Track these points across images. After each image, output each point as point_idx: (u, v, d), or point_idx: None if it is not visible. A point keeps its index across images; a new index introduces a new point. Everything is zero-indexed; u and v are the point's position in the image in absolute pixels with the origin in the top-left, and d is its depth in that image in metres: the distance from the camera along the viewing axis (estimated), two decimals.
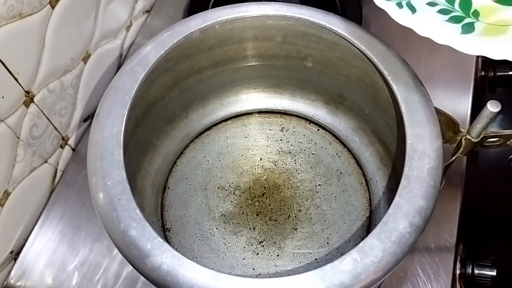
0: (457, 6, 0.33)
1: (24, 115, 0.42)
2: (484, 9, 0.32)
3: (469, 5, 0.33)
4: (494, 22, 0.32)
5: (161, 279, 0.27)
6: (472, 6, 0.33)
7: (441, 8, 0.33)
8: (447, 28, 0.31)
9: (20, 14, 0.39)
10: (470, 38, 0.30)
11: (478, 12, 0.32)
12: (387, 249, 0.27)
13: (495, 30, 0.31)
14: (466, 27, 0.31)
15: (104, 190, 0.29)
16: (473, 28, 0.31)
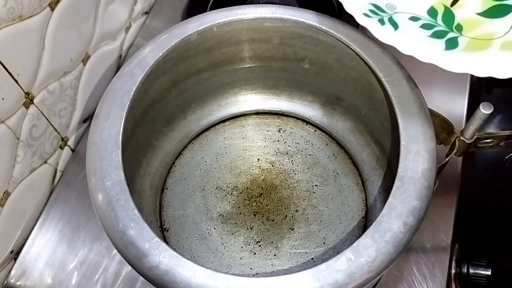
0: (440, 20, 0.32)
1: (24, 116, 0.43)
2: (467, 23, 0.32)
3: (452, 19, 0.32)
4: (477, 36, 0.31)
5: (159, 278, 0.27)
6: (455, 20, 0.32)
7: (424, 22, 0.32)
8: (430, 44, 0.30)
9: (20, 16, 0.39)
10: (454, 54, 0.30)
11: (461, 26, 0.32)
12: (381, 248, 0.27)
13: (479, 44, 0.31)
14: (450, 42, 0.31)
15: (103, 191, 0.30)
16: (456, 44, 0.31)
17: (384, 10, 0.32)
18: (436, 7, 0.33)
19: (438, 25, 0.32)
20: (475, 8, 0.33)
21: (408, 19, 0.32)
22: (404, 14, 0.32)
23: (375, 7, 0.32)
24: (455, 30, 0.31)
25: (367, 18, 0.31)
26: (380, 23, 0.31)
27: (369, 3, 0.33)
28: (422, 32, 0.31)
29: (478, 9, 0.33)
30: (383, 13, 0.32)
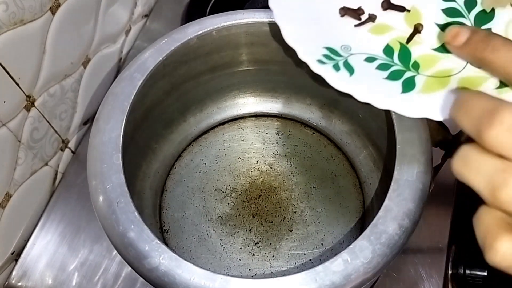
0: (397, 59, 0.31)
1: (25, 119, 0.43)
2: (424, 60, 0.31)
3: (408, 56, 0.31)
4: (435, 73, 0.30)
5: (159, 279, 0.28)
6: (412, 57, 0.31)
7: (380, 63, 0.31)
8: (387, 88, 0.29)
9: (22, 20, 0.40)
10: (411, 97, 0.29)
11: (418, 63, 0.31)
12: (377, 250, 0.28)
13: (436, 83, 0.30)
14: (407, 84, 0.30)
15: (104, 193, 0.30)
16: (413, 84, 0.30)
17: (339, 53, 0.31)
18: (392, 45, 0.32)
19: (395, 64, 0.31)
20: (431, 43, 0.32)
21: (364, 60, 0.31)
22: (360, 55, 0.31)
23: (329, 51, 0.31)
24: (412, 69, 0.31)
25: (321, 65, 0.30)
26: (335, 69, 0.30)
27: (323, 47, 0.31)
28: (379, 74, 0.30)
29: (434, 44, 0.32)
30: (338, 57, 0.31)
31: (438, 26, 0.32)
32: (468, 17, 0.32)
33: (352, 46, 0.32)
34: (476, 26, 0.32)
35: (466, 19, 0.32)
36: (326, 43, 0.32)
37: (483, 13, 0.32)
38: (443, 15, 0.33)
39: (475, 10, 0.32)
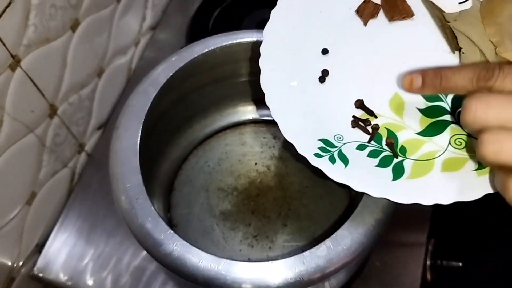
0: (385, 145, 0.33)
1: (49, 125, 0.49)
2: (410, 144, 0.33)
3: (396, 142, 0.34)
4: (420, 157, 0.33)
5: (172, 263, 0.33)
6: (399, 142, 0.33)
7: (371, 149, 0.33)
8: (379, 177, 0.32)
9: (47, 39, 0.45)
10: (401, 184, 0.31)
11: (405, 148, 0.33)
12: (355, 239, 0.33)
13: (422, 167, 0.32)
14: (396, 170, 0.32)
15: (124, 192, 0.36)
16: (402, 169, 0.32)
17: (333, 144, 0.33)
18: (380, 132, 0.34)
19: (384, 150, 0.33)
20: (415, 128, 0.34)
21: (355, 148, 0.33)
22: (352, 143, 0.34)
23: (324, 143, 0.33)
24: (400, 154, 0.33)
25: (319, 159, 0.32)
26: (331, 161, 0.32)
27: (318, 139, 0.34)
28: (370, 162, 0.33)
29: (417, 128, 0.34)
30: (332, 148, 0.33)
31: (420, 111, 0.34)
32: (445, 100, 0.34)
33: (344, 135, 0.34)
34: (452, 107, 0.34)
35: (444, 102, 0.34)
36: (320, 135, 0.34)
37: (459, 97, 0.34)
38: (423, 100, 0.35)
39: (452, 94, 0.34)
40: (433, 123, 0.34)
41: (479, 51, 0.34)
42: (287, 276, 0.33)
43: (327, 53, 0.37)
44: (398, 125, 0.34)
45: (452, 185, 0.31)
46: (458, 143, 0.33)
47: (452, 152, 0.33)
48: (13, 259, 0.49)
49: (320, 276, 0.33)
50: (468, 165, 0.32)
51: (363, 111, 0.35)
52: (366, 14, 0.37)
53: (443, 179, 0.32)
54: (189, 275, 0.33)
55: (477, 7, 0.35)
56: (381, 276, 0.49)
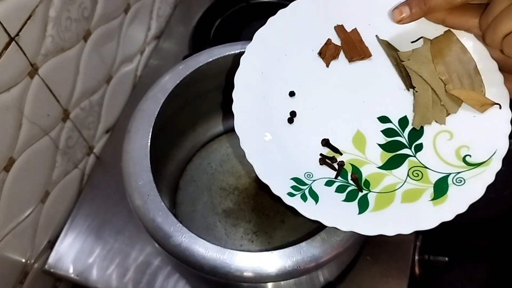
0: (350, 180, 0.36)
1: (62, 129, 0.52)
2: (373, 178, 0.36)
3: (360, 176, 0.36)
4: (382, 189, 0.35)
5: (181, 253, 0.36)
6: (363, 176, 0.36)
7: (338, 185, 0.36)
8: (346, 211, 0.34)
9: (62, 48, 0.48)
10: (366, 217, 0.34)
11: (368, 181, 0.36)
12: (347, 231, 0.37)
13: (384, 199, 0.35)
14: (361, 203, 0.35)
15: (137, 189, 0.39)
16: (367, 203, 0.35)
17: (304, 182, 0.36)
18: (345, 168, 0.37)
19: (350, 185, 0.36)
20: (376, 162, 0.37)
21: (324, 185, 0.36)
22: (321, 180, 0.36)
23: (296, 181, 0.36)
24: (364, 187, 0.36)
25: (291, 198, 0.35)
26: (303, 199, 0.35)
27: (290, 178, 0.36)
28: (338, 197, 0.35)
29: (379, 163, 0.36)
30: (303, 186, 0.36)
31: (380, 146, 0.37)
32: (403, 135, 0.37)
33: (313, 172, 0.37)
34: (409, 142, 0.37)
35: (401, 137, 0.37)
36: (292, 173, 0.36)
37: (414, 131, 0.37)
38: (382, 136, 0.37)
39: (408, 129, 0.37)
40: (392, 157, 0.37)
41: (430, 89, 0.37)
42: (285, 264, 0.36)
43: (294, 95, 0.39)
44: (361, 160, 0.37)
45: (411, 215, 0.34)
46: (415, 174, 0.36)
47: (410, 183, 0.35)
48: (27, 255, 0.52)
49: (315, 265, 0.36)
50: (425, 195, 0.35)
51: (329, 149, 0.38)
52: (328, 55, 0.39)
53: (403, 210, 0.34)
54: (196, 264, 0.36)
55: (428, 46, 0.38)
56: (372, 270, 0.52)
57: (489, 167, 0.35)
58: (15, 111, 0.44)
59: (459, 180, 0.35)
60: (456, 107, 0.37)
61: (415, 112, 0.37)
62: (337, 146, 0.38)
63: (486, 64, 0.36)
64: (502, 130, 0.35)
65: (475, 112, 0.37)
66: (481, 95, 0.36)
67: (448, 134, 0.37)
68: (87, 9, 0.50)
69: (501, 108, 0.36)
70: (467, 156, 0.36)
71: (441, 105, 0.37)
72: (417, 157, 0.36)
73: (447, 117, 0.37)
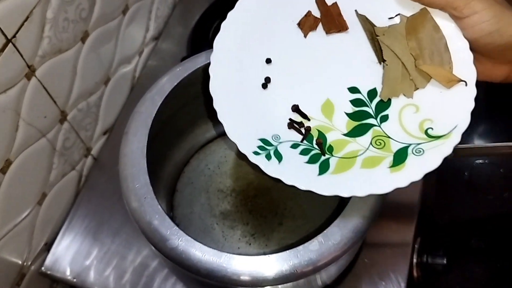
0: (316, 144, 0.38)
1: (59, 130, 0.52)
2: (337, 144, 0.38)
3: (324, 141, 0.38)
4: (345, 155, 0.37)
5: (177, 257, 0.36)
6: (327, 142, 0.38)
7: (303, 148, 0.37)
8: (307, 172, 0.36)
9: (60, 50, 0.48)
10: (325, 178, 0.35)
11: (332, 147, 0.37)
12: (345, 234, 0.36)
13: (345, 164, 0.36)
14: (322, 166, 0.36)
15: (134, 191, 0.39)
16: (328, 166, 0.36)
17: (270, 143, 0.37)
18: (312, 133, 0.38)
19: (314, 149, 0.37)
20: (342, 130, 0.38)
21: (290, 147, 0.37)
22: (287, 142, 0.38)
23: (263, 142, 0.37)
24: (327, 152, 0.37)
25: (256, 156, 0.36)
26: (267, 158, 0.36)
27: (258, 139, 0.37)
28: (301, 159, 0.37)
29: (344, 130, 0.38)
30: (270, 147, 0.37)
31: (347, 115, 0.39)
32: (370, 106, 0.39)
33: (281, 135, 0.38)
34: (376, 112, 0.38)
35: (369, 107, 0.39)
36: (260, 135, 0.38)
37: (381, 102, 0.38)
38: (351, 105, 0.39)
39: (376, 100, 0.39)
40: (358, 125, 0.38)
41: (401, 64, 0.38)
42: (282, 268, 0.36)
43: (271, 62, 0.41)
44: (327, 127, 0.39)
45: (368, 180, 0.35)
46: (378, 143, 0.37)
47: (372, 151, 0.37)
48: (24, 257, 0.52)
49: (312, 268, 0.36)
50: (384, 163, 0.36)
51: (298, 114, 0.39)
52: (307, 27, 0.41)
53: (361, 174, 0.36)
54: (192, 267, 0.36)
55: (403, 23, 0.39)
56: (370, 273, 0.52)
57: (448, 140, 0.36)
58: (12, 113, 0.44)
59: (419, 150, 0.36)
60: (425, 82, 0.38)
61: (384, 85, 0.39)
62: (306, 112, 0.39)
63: (457, 43, 0.37)
64: (466, 106, 0.36)
65: (442, 88, 0.38)
66: (448, 72, 0.37)
67: (414, 107, 0.38)
68: (85, 10, 0.50)
69: (467, 86, 0.37)
70: (429, 129, 0.37)
71: (410, 80, 0.38)
72: (382, 127, 0.38)
73: (415, 91, 0.38)
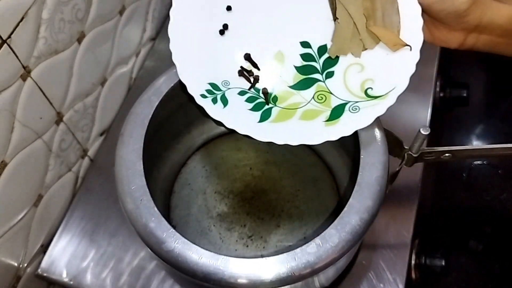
0: (261, 93, 0.39)
1: (55, 131, 0.51)
2: (282, 95, 0.39)
3: (270, 91, 0.39)
4: (287, 106, 0.39)
5: (174, 259, 0.36)
6: (273, 93, 0.39)
7: (249, 96, 0.39)
8: (248, 117, 0.37)
9: (56, 50, 0.48)
10: (263, 125, 0.37)
11: (277, 97, 0.39)
12: (342, 237, 0.36)
13: (285, 114, 0.38)
14: (264, 114, 0.38)
15: (129, 193, 0.38)
16: (269, 114, 0.38)
17: (219, 87, 0.39)
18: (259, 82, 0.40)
19: (260, 97, 0.39)
20: (288, 82, 0.40)
21: (237, 94, 0.39)
22: (235, 89, 0.39)
23: (212, 86, 0.39)
24: (271, 102, 0.39)
25: (203, 99, 0.38)
26: (213, 102, 0.38)
27: (207, 83, 0.39)
28: (245, 106, 0.39)
29: (290, 82, 0.40)
30: (218, 92, 0.39)
31: (295, 68, 0.40)
32: (318, 61, 0.40)
33: (230, 81, 0.40)
34: (323, 68, 0.40)
35: (316, 63, 0.40)
36: (210, 79, 0.39)
37: (329, 59, 0.40)
38: (300, 59, 0.40)
39: (324, 56, 0.40)
40: (304, 79, 0.40)
41: (353, 23, 0.39)
42: (279, 271, 0.35)
43: (231, 9, 0.42)
44: (275, 78, 0.40)
45: (303, 131, 0.37)
46: (320, 98, 0.39)
47: (312, 104, 0.39)
48: (20, 259, 0.52)
49: (310, 271, 0.36)
50: (321, 116, 0.38)
51: (249, 63, 0.40)
52: None
53: (298, 125, 0.38)
54: (189, 270, 0.36)
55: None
56: (368, 274, 0.52)
57: (384, 101, 0.37)
58: (7, 114, 0.43)
59: (355, 108, 0.38)
60: (374, 44, 0.39)
61: (333, 42, 0.40)
62: (257, 61, 0.40)
63: (410, 7, 0.38)
64: (407, 70, 0.37)
65: (388, 51, 0.39)
66: (395, 35, 0.38)
67: (360, 67, 0.39)
68: (81, 11, 0.50)
69: (411, 50, 0.38)
70: (369, 89, 0.38)
71: (359, 39, 0.39)
72: (326, 83, 0.39)
73: (363, 51, 0.39)
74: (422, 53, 0.38)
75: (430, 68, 0.64)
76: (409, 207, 0.55)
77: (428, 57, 0.65)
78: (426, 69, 0.64)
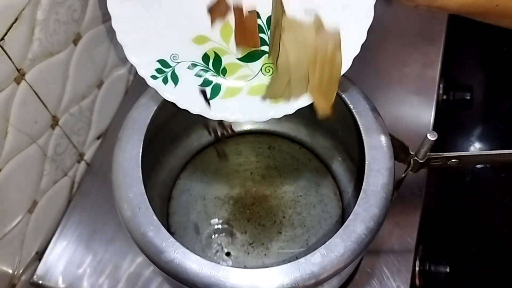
0: (211, 65, 0.40)
1: (50, 136, 0.50)
2: (230, 67, 0.40)
3: (219, 63, 0.40)
4: (236, 77, 0.40)
5: (174, 270, 0.34)
6: (222, 64, 0.40)
7: (199, 69, 0.39)
8: (199, 97, 0.39)
9: (51, 53, 0.46)
10: (215, 103, 0.39)
11: (226, 69, 0.40)
12: (348, 246, 0.35)
13: (234, 90, 0.39)
14: (213, 90, 0.39)
15: (127, 201, 0.37)
16: (218, 90, 0.39)
17: (168, 64, 0.39)
18: (208, 54, 0.40)
19: (209, 70, 0.40)
20: (237, 54, 0.40)
21: (187, 68, 0.39)
22: (185, 62, 0.39)
23: (161, 64, 0.39)
24: (221, 74, 0.40)
25: (154, 81, 0.38)
26: (164, 82, 0.39)
27: (156, 60, 0.39)
28: (195, 81, 0.39)
29: (239, 54, 0.40)
30: (167, 69, 0.39)
31: None
32: (266, 33, 0.39)
33: (179, 54, 0.39)
34: (270, 38, 0.39)
35: (265, 34, 0.39)
36: (159, 55, 0.39)
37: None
38: None
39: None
40: (252, 51, 0.40)
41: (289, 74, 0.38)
42: (283, 282, 0.34)
43: None
44: (224, 49, 0.40)
45: (250, 107, 0.39)
46: (267, 70, 0.40)
47: (260, 78, 0.40)
48: (14, 266, 0.50)
49: (314, 282, 0.35)
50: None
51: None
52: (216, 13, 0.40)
53: (246, 101, 0.39)
54: (189, 281, 0.35)
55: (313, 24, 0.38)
56: (372, 282, 0.50)
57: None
58: (0, 119, 0.42)
59: None
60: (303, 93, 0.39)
61: (268, 87, 0.40)
62: (206, 34, 0.39)
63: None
64: (350, 51, 0.37)
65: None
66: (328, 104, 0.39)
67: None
68: (77, 12, 0.48)
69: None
70: None
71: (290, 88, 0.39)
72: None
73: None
74: (425, 56, 0.36)
75: (433, 70, 0.63)
76: (413, 213, 0.54)
77: (431, 60, 0.64)
78: (429, 72, 0.63)
